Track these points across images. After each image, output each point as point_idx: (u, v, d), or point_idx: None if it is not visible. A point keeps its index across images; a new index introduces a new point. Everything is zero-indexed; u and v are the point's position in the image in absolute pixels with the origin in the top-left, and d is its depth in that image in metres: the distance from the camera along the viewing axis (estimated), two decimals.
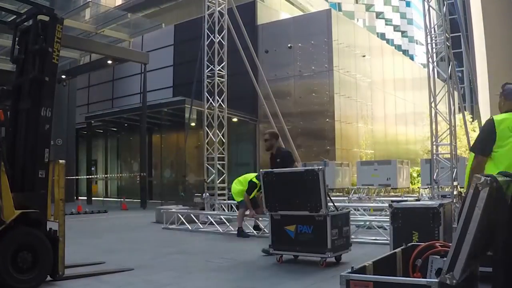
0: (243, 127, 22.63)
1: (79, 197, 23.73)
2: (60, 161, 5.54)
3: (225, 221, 10.52)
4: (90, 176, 22.06)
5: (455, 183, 9.84)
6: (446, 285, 2.49)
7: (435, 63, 10.71)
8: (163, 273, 5.99)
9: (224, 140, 13.37)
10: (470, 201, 2.57)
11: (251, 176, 9.58)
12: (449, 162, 10.04)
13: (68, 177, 15.25)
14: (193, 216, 10.97)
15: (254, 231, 9.49)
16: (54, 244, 5.14)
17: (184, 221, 10.80)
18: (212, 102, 13.09)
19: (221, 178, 13.00)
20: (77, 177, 20.65)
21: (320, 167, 6.36)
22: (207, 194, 12.64)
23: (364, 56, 23.95)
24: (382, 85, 26.14)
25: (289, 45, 22.36)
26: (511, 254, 3.07)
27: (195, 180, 19.94)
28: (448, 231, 6.04)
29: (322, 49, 21.67)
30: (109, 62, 20.52)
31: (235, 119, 20.59)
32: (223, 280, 5.58)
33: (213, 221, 10.69)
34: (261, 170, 6.98)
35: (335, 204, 6.98)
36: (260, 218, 9.51)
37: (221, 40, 13.24)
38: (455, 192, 9.57)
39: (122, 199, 19.72)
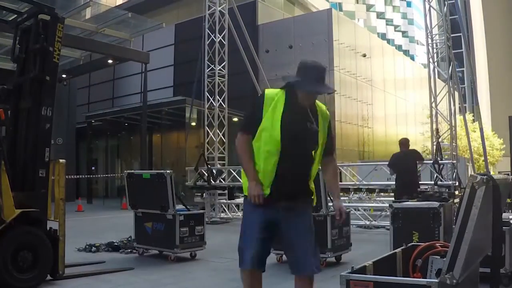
0: None
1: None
2: (61, 160, 5.55)
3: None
4: (91, 176, 22.05)
5: (455, 183, 9.84)
6: (446, 285, 2.49)
7: (435, 63, 10.70)
8: (163, 272, 5.99)
9: (224, 140, 13.38)
10: (467, 200, 2.59)
11: None
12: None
13: (68, 176, 15.25)
14: None
15: None
16: (54, 244, 5.14)
17: None
18: (213, 102, 13.09)
19: (221, 178, 12.99)
20: (77, 176, 20.62)
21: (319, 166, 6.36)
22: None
23: (364, 55, 23.94)
24: (383, 85, 26.13)
25: (289, 44, 22.35)
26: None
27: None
28: (449, 231, 6.03)
29: (322, 49, 21.67)
30: (110, 61, 20.50)
31: (235, 119, 20.56)
32: (223, 280, 5.59)
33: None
34: None
35: None
36: None
37: (222, 39, 13.24)
38: (456, 192, 9.57)
39: (122, 199, 19.71)
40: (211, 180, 12.24)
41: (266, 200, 2.97)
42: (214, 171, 12.60)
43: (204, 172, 12.42)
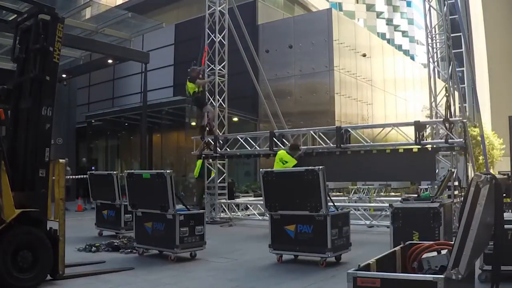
0: (243, 127, 22.60)
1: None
2: (61, 160, 5.55)
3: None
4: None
5: (455, 183, 9.82)
6: (451, 281, 2.52)
7: (435, 63, 10.70)
8: (163, 272, 5.99)
9: None
10: (471, 198, 2.61)
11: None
12: (449, 161, 10.03)
13: (68, 176, 15.25)
14: None
15: None
16: (54, 244, 5.14)
17: None
18: (213, 102, 13.08)
19: (221, 178, 13.00)
20: (77, 176, 20.59)
21: (320, 166, 6.36)
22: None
23: (364, 55, 23.92)
24: (383, 85, 26.13)
25: (289, 44, 22.34)
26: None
27: (195, 179, 19.91)
28: (448, 231, 6.03)
29: (322, 48, 21.65)
30: (110, 61, 20.49)
31: (235, 119, 20.58)
32: (223, 280, 5.59)
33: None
34: (261, 170, 6.99)
35: (335, 204, 7.00)
36: None
37: (222, 39, 13.23)
38: (456, 192, 9.56)
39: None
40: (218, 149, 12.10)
41: None
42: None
43: (211, 141, 12.34)
